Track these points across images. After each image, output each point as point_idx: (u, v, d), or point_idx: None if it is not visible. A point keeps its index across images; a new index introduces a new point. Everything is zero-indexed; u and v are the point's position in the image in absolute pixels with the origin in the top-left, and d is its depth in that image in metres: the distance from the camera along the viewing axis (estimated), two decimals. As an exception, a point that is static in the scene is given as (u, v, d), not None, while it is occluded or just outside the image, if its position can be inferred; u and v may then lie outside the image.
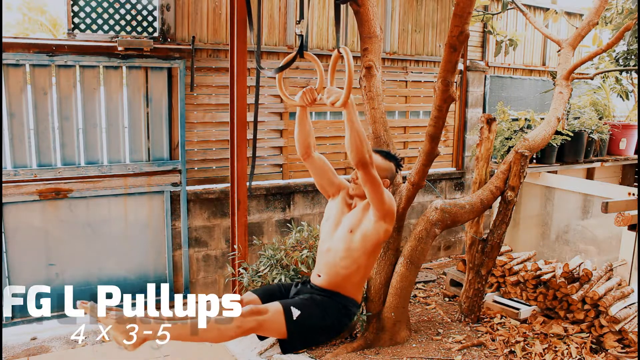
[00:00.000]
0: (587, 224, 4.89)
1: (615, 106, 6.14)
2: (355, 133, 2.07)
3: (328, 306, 2.26)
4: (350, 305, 2.31)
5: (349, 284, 2.30)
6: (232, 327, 2.06)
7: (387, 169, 2.40)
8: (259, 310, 2.13)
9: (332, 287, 2.29)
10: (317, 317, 2.22)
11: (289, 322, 2.16)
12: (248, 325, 2.08)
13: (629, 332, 3.68)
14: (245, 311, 2.10)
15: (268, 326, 2.14)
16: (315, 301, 2.26)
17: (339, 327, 2.30)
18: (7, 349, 3.76)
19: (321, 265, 2.36)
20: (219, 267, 4.73)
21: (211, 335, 2.08)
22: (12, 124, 3.85)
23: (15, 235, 3.96)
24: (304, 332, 2.21)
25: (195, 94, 4.45)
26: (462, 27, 2.66)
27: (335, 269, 2.29)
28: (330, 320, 2.24)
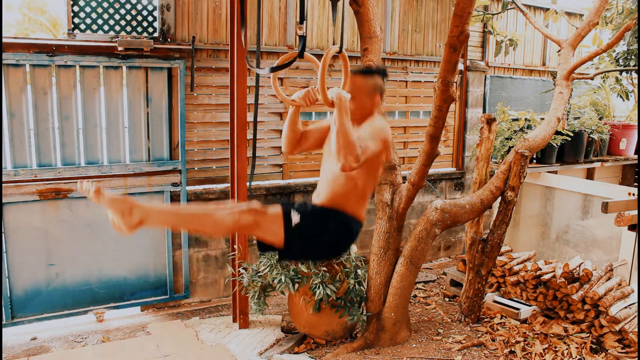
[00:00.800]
0: (587, 224, 4.89)
1: (615, 106, 6.14)
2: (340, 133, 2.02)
3: (329, 219, 2.21)
4: (351, 222, 2.26)
5: (348, 201, 2.25)
6: (229, 218, 2.02)
7: (373, 86, 2.34)
8: (257, 210, 2.08)
9: (331, 204, 2.25)
10: (317, 226, 2.17)
11: (288, 226, 2.11)
12: (245, 220, 2.04)
13: (629, 332, 3.68)
14: (245, 207, 2.06)
15: (266, 226, 2.09)
16: (317, 212, 2.22)
17: (339, 243, 2.25)
18: (7, 349, 3.76)
19: (320, 187, 2.34)
20: (219, 267, 4.73)
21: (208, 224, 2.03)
22: (12, 124, 3.86)
23: (15, 235, 3.96)
24: (302, 239, 2.15)
25: (195, 94, 4.46)
26: (462, 27, 2.66)
27: (332, 188, 2.25)
28: (329, 233, 2.19)
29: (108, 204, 1.93)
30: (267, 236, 2.13)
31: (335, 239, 2.21)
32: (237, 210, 2.05)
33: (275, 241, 2.14)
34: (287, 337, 4.05)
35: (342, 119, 2.03)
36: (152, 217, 1.97)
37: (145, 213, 1.95)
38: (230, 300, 4.66)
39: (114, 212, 1.93)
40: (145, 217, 1.95)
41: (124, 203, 1.93)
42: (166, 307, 4.59)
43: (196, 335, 4.01)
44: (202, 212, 2.05)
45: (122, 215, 1.92)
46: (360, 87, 2.32)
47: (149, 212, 1.97)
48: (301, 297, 3.79)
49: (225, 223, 2.02)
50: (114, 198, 1.93)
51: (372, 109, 2.37)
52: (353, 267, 3.84)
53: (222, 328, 4.14)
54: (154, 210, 2.02)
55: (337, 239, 2.23)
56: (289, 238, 2.11)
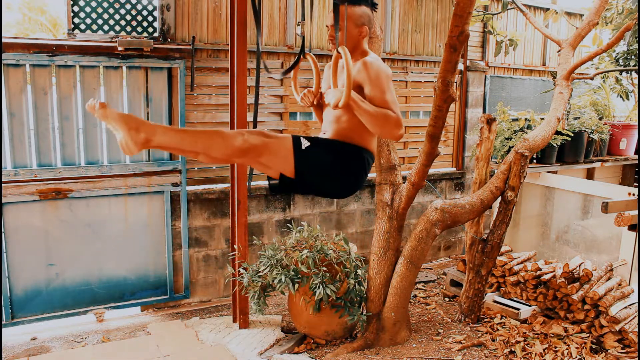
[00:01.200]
0: (587, 224, 4.89)
1: (615, 106, 6.14)
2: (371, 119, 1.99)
3: (340, 148, 2.12)
4: (362, 152, 2.17)
5: (356, 134, 2.17)
6: (239, 138, 1.94)
7: (361, 16, 2.27)
8: (267, 133, 2.01)
9: (340, 138, 2.18)
10: (328, 155, 2.09)
11: (298, 151, 2.01)
12: (253, 140, 1.95)
13: (629, 332, 3.68)
14: (254, 130, 2.00)
15: (275, 150, 1.99)
16: (327, 141, 2.13)
17: (354, 173, 2.14)
18: (7, 349, 3.76)
19: (325, 125, 2.28)
20: (219, 267, 4.73)
21: (216, 143, 1.93)
22: (12, 124, 3.86)
23: (15, 235, 3.96)
24: (314, 169, 2.06)
25: (195, 94, 4.46)
26: (462, 27, 2.66)
27: (338, 123, 2.20)
28: (342, 161, 2.10)
29: (115, 120, 1.87)
30: (275, 163, 2.04)
31: (348, 167, 2.12)
32: (246, 130, 1.98)
33: (285, 168, 2.03)
34: (287, 337, 4.06)
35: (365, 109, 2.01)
36: (158, 134, 1.90)
37: (152, 130, 1.89)
38: (230, 300, 4.66)
39: (121, 128, 1.87)
40: (152, 134, 1.89)
41: (131, 118, 1.88)
42: (166, 307, 4.59)
43: (196, 335, 4.01)
44: (210, 130, 1.99)
45: (129, 130, 1.86)
46: (348, 17, 2.23)
47: (155, 129, 1.91)
48: (301, 297, 3.79)
49: (233, 142, 1.94)
50: (121, 113, 1.88)
51: (360, 41, 2.31)
52: (353, 267, 3.84)
53: (222, 328, 4.14)
54: (161, 127, 1.94)
55: (351, 167, 2.13)
56: (299, 163, 2.02)
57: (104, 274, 4.30)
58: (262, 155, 1.99)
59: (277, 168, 2.05)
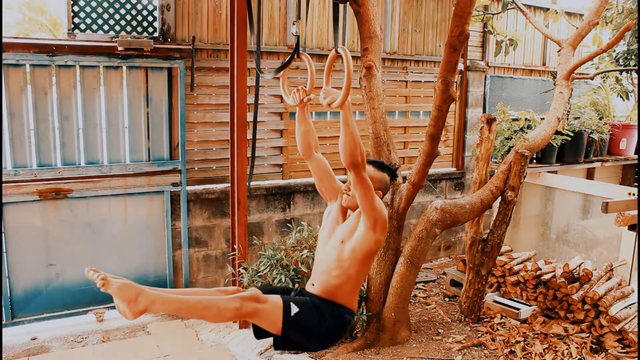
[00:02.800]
0: (587, 224, 4.89)
1: (615, 106, 6.14)
2: (349, 134, 2.05)
3: (324, 311, 2.27)
4: (344, 313, 2.32)
5: (341, 293, 2.31)
6: (231, 307, 2.05)
7: (379, 180, 2.35)
8: (259, 298, 2.13)
9: (325, 295, 2.31)
10: (313, 319, 2.23)
11: (286, 317, 2.15)
12: (246, 309, 2.08)
13: (629, 332, 3.68)
14: (246, 295, 2.10)
15: (265, 316, 2.13)
16: (314, 304, 2.27)
17: (333, 334, 2.30)
18: (7, 349, 3.76)
19: (315, 274, 2.38)
20: (219, 267, 4.73)
21: (210, 314, 2.05)
22: (12, 124, 3.86)
23: (15, 235, 3.96)
24: (298, 332, 2.21)
25: (195, 94, 4.45)
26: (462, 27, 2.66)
27: (327, 278, 2.30)
28: (325, 325, 2.25)
29: (115, 293, 1.96)
30: (265, 324, 2.18)
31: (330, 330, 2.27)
32: (240, 297, 2.09)
33: (273, 330, 2.19)
34: (287, 337, 4.05)
35: (349, 119, 2.06)
36: (157, 305, 2.03)
37: (150, 301, 2.01)
38: (230, 300, 4.66)
39: (121, 300, 1.97)
40: (150, 305, 2.01)
41: (131, 291, 1.98)
42: (166, 307, 4.58)
43: (196, 335, 4.01)
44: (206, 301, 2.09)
45: (128, 303, 1.97)
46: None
47: (154, 300, 2.02)
48: (301, 297, 3.79)
49: (227, 312, 2.06)
50: (121, 287, 1.97)
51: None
52: (353, 267, 3.83)
53: (222, 328, 4.14)
54: (159, 298, 2.05)
55: (332, 330, 2.28)
56: (286, 328, 2.17)
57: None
58: (253, 318, 2.15)
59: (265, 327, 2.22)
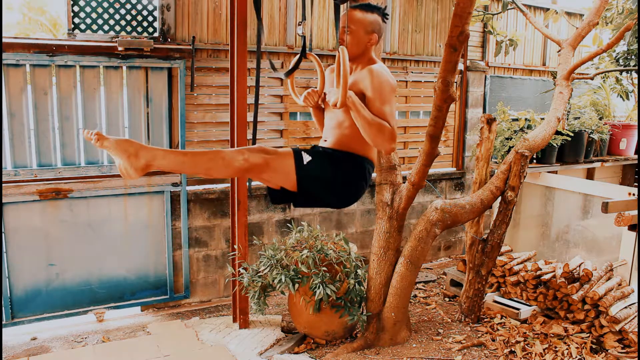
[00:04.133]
0: (587, 224, 4.89)
1: (615, 106, 6.14)
2: (366, 126, 1.97)
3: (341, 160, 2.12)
4: (364, 162, 2.17)
5: (356, 143, 2.16)
6: (238, 158, 1.94)
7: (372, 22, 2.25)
8: (268, 150, 2.01)
9: (340, 147, 2.17)
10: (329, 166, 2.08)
11: (299, 166, 2.01)
12: (255, 159, 1.95)
13: (629, 332, 3.68)
14: (254, 147, 1.99)
15: (276, 167, 2.00)
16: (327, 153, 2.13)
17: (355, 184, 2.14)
18: (7, 349, 3.76)
19: (326, 131, 2.27)
20: (219, 267, 4.73)
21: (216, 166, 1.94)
22: (12, 124, 3.86)
23: (15, 235, 3.96)
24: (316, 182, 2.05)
25: (195, 94, 4.46)
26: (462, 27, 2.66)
27: (339, 130, 2.19)
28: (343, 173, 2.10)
29: (113, 147, 1.87)
30: (278, 179, 2.04)
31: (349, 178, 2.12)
32: (247, 149, 1.98)
33: (288, 184, 2.04)
34: (287, 337, 4.06)
35: (362, 114, 1.99)
36: (158, 158, 1.90)
37: (152, 155, 1.89)
38: (230, 300, 4.66)
39: (120, 155, 1.86)
40: (152, 159, 1.89)
41: (130, 145, 1.88)
42: (166, 307, 4.59)
43: (196, 335, 4.01)
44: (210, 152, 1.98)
45: (129, 157, 1.86)
46: (357, 22, 2.22)
47: (155, 153, 1.90)
48: (301, 297, 3.79)
49: (234, 162, 1.94)
50: (119, 140, 1.87)
51: (368, 48, 2.29)
52: (353, 267, 3.84)
53: (222, 328, 4.14)
54: (160, 151, 1.93)
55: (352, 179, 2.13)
56: (301, 178, 2.02)
57: (104, 274, 4.29)
58: (263, 172, 2.00)
59: (278, 183, 2.06)
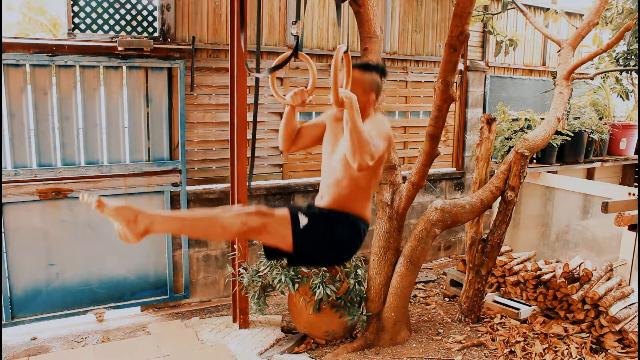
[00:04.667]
0: (587, 224, 4.89)
1: (615, 106, 6.14)
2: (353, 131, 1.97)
3: (336, 221, 2.15)
4: (358, 222, 2.20)
5: (352, 202, 2.20)
6: (236, 222, 1.95)
7: (371, 82, 2.27)
8: (265, 212, 2.02)
9: (336, 206, 2.20)
10: (325, 229, 2.11)
11: (296, 230, 2.04)
12: (252, 223, 1.97)
13: (629, 332, 3.68)
14: (252, 210, 2.00)
15: (273, 230, 2.02)
16: (324, 214, 2.16)
17: (349, 245, 2.18)
18: (7, 349, 3.76)
19: (323, 188, 2.28)
20: (219, 267, 4.73)
21: (214, 231, 1.97)
22: (12, 124, 3.85)
23: (15, 235, 3.96)
24: (311, 244, 2.09)
25: (195, 94, 4.46)
26: (462, 27, 2.66)
27: (336, 189, 2.20)
28: (338, 235, 2.13)
29: (112, 214, 1.89)
30: (274, 241, 2.07)
31: (344, 241, 2.16)
32: (244, 212, 1.99)
33: (284, 246, 2.07)
34: (287, 337, 4.06)
35: (355, 118, 1.99)
36: (157, 224, 1.93)
37: (150, 221, 1.91)
38: (230, 300, 4.66)
39: (119, 221, 1.89)
40: (150, 224, 1.91)
41: (129, 211, 1.89)
42: (166, 307, 4.59)
43: (196, 335, 4.01)
44: (208, 216, 1.99)
45: (128, 224, 1.89)
46: (357, 82, 2.25)
47: (154, 219, 1.92)
48: (301, 297, 3.79)
49: (232, 227, 1.96)
50: (118, 207, 1.89)
51: (367, 107, 2.31)
52: (353, 267, 3.84)
53: (222, 328, 4.14)
54: (159, 217, 1.96)
55: (347, 240, 2.17)
56: (297, 241, 2.05)
57: (104, 274, 4.29)
58: (261, 235, 2.03)
59: (275, 244, 2.09)
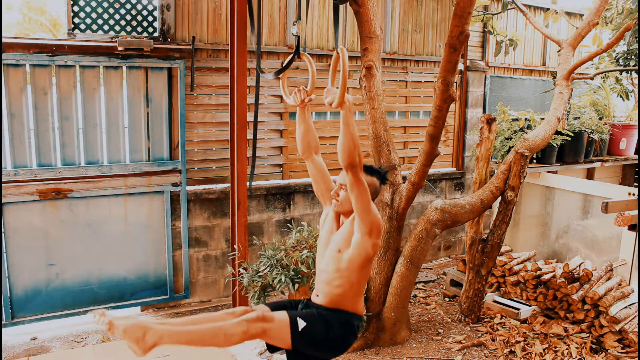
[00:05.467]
0: (587, 224, 4.89)
1: (615, 106, 6.14)
2: (348, 135, 2.07)
3: (331, 321, 2.29)
4: (352, 319, 2.34)
5: (345, 300, 2.33)
6: (238, 332, 2.09)
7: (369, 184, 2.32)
8: (265, 317, 2.16)
9: (330, 305, 2.33)
10: (321, 330, 2.25)
11: (294, 333, 2.19)
12: (254, 330, 2.12)
13: (629, 332, 3.68)
14: (252, 317, 2.13)
15: (273, 334, 2.17)
16: (321, 315, 2.29)
17: (343, 342, 2.33)
18: (7, 349, 3.76)
19: (318, 284, 2.40)
20: (219, 267, 4.73)
21: (218, 341, 2.10)
22: (12, 124, 3.85)
23: (15, 235, 3.96)
24: (308, 345, 2.24)
25: (195, 94, 4.46)
26: (462, 27, 2.66)
27: (329, 288, 2.32)
28: (334, 334, 2.27)
29: (122, 335, 1.99)
30: (274, 342, 2.22)
31: (339, 338, 2.30)
32: (246, 320, 2.12)
33: (283, 346, 2.23)
34: (287, 337, 4.05)
35: (350, 120, 2.08)
36: (165, 339, 2.06)
37: (159, 336, 2.03)
38: (230, 300, 4.66)
39: (129, 339, 2.00)
40: (159, 340, 2.03)
41: (138, 330, 2.00)
42: (166, 307, 4.59)
43: (196, 335, 4.00)
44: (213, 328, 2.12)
45: (137, 342, 2.00)
46: None
47: (162, 335, 2.04)
48: (301, 297, 3.79)
49: (235, 337, 2.10)
50: (127, 328, 1.99)
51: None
52: (353, 267, 3.83)
53: (222, 328, 4.13)
54: (167, 333, 2.08)
55: (342, 339, 2.31)
56: (296, 342, 2.20)
57: (104, 274, 4.29)
58: (262, 338, 2.18)
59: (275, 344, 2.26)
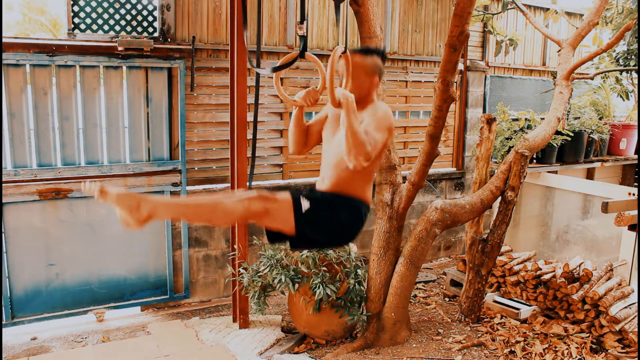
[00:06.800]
0: (587, 224, 4.89)
1: (615, 106, 6.14)
2: (349, 132, 2.01)
3: (337, 204, 2.19)
4: (360, 206, 2.24)
5: (353, 185, 2.23)
6: (239, 207, 2.00)
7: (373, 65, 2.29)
8: (267, 197, 2.06)
9: (337, 189, 2.24)
10: (326, 212, 2.16)
11: (298, 214, 2.08)
12: (255, 207, 2.01)
13: (629, 332, 3.68)
14: (254, 195, 2.04)
15: (276, 214, 2.06)
16: (326, 198, 2.21)
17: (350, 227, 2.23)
18: (7, 349, 3.76)
19: (324, 171, 2.32)
20: (219, 267, 4.73)
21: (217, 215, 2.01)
22: (12, 124, 3.86)
23: (15, 235, 3.96)
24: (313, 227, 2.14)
25: (195, 94, 4.46)
26: (462, 27, 2.66)
27: (336, 172, 2.24)
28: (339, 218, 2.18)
29: (115, 202, 1.90)
30: (276, 225, 2.11)
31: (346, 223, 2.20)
32: (247, 197, 2.02)
33: (286, 229, 2.11)
34: (287, 337, 4.06)
35: (351, 118, 2.02)
36: (160, 210, 1.95)
37: (153, 207, 1.92)
38: (230, 300, 4.66)
39: (122, 208, 1.90)
40: (153, 210, 1.92)
41: (131, 199, 1.90)
42: (166, 307, 4.59)
43: (196, 335, 4.01)
44: (211, 202, 2.02)
45: (130, 211, 1.89)
46: (358, 67, 2.26)
47: (156, 205, 1.94)
48: (301, 297, 3.79)
49: (235, 212, 2.00)
50: (121, 195, 1.90)
51: (371, 91, 2.33)
52: (353, 267, 3.84)
53: (222, 328, 4.14)
54: (161, 203, 1.98)
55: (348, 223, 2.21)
56: (300, 225, 2.09)
57: (104, 274, 4.30)
58: (263, 219, 2.07)
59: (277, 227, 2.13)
